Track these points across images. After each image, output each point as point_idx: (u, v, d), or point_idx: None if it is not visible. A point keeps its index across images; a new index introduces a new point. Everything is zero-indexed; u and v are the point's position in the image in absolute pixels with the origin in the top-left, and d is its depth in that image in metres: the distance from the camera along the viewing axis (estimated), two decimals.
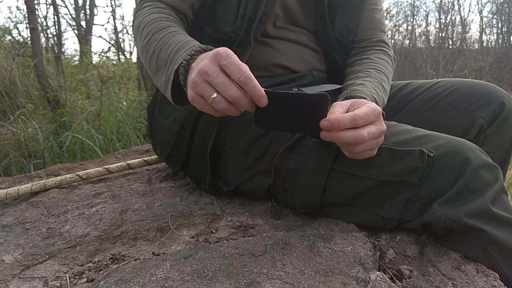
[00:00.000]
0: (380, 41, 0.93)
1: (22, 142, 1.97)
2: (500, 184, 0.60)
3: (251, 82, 0.51)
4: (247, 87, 0.51)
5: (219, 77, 0.52)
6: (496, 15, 8.20)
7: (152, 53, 0.70)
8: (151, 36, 0.71)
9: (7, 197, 0.94)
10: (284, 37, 0.85)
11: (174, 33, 0.69)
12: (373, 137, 0.57)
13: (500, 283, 0.57)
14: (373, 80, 0.78)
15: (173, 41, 0.67)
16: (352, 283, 0.53)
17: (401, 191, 0.63)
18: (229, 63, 0.51)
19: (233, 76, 0.51)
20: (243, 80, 0.51)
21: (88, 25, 6.30)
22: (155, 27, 0.72)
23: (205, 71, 0.53)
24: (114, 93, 3.00)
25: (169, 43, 0.67)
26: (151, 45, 0.70)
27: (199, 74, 0.54)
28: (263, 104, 0.52)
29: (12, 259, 0.67)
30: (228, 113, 0.55)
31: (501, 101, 0.78)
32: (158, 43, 0.69)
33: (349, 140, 0.55)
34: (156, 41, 0.69)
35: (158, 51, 0.68)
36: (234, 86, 0.52)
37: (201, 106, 0.56)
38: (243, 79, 0.51)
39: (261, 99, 0.52)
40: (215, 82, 0.52)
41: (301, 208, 0.74)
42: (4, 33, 4.20)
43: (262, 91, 0.52)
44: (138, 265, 0.59)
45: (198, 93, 0.55)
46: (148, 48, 0.71)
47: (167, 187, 0.97)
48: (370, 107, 0.58)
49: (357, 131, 0.55)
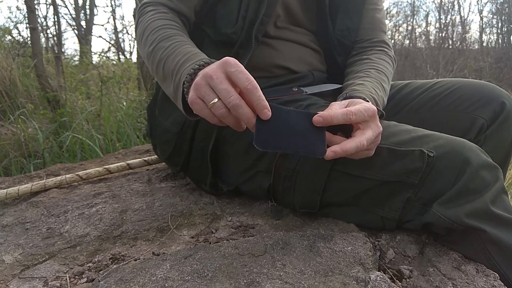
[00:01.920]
0: (381, 42, 0.93)
1: (22, 142, 1.97)
2: (500, 184, 0.60)
3: (258, 92, 0.51)
4: (254, 96, 0.51)
5: (223, 82, 0.52)
6: (496, 15, 8.21)
7: (158, 61, 0.70)
8: (156, 44, 0.71)
9: (7, 197, 0.94)
10: (285, 37, 0.85)
11: (181, 43, 0.69)
12: (371, 142, 0.58)
13: (500, 283, 0.57)
14: (373, 80, 0.78)
15: (180, 52, 0.67)
16: (352, 283, 0.53)
17: (401, 191, 0.63)
18: (237, 71, 0.52)
19: (240, 84, 0.51)
20: (250, 89, 0.51)
21: (88, 25, 6.31)
22: (160, 34, 0.72)
23: (210, 75, 0.53)
24: (114, 93, 3.00)
25: (176, 53, 0.67)
26: (157, 53, 0.70)
27: (203, 77, 0.54)
28: (266, 116, 0.52)
29: (12, 259, 0.67)
30: (225, 121, 0.54)
31: (501, 101, 0.78)
32: (165, 52, 0.69)
33: (353, 150, 0.56)
34: (162, 49, 0.69)
35: (164, 59, 0.68)
36: (236, 94, 0.52)
37: (200, 109, 0.55)
38: (251, 87, 0.51)
39: (264, 110, 0.52)
40: (218, 87, 0.52)
41: (301, 208, 0.74)
42: (4, 33, 4.20)
43: (266, 103, 0.52)
44: (138, 265, 0.59)
45: (199, 95, 0.55)
46: (154, 56, 0.71)
47: (167, 187, 0.96)
48: (365, 106, 0.58)
49: (357, 139, 0.56)
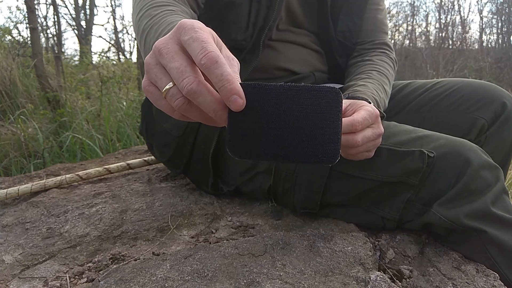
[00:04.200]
0: (383, 44, 0.92)
1: (22, 142, 1.97)
2: (501, 185, 0.60)
3: (220, 68, 0.33)
4: (212, 75, 0.33)
5: (175, 58, 0.35)
6: (496, 15, 8.22)
7: (142, 31, 0.61)
8: (145, 11, 0.62)
9: (7, 197, 0.94)
10: (286, 39, 0.85)
11: (170, 12, 0.60)
12: (368, 141, 0.56)
13: (500, 283, 0.57)
14: (375, 81, 0.78)
15: (166, 21, 0.56)
16: (352, 283, 0.53)
17: (402, 191, 0.63)
18: (191, 38, 0.35)
19: (193, 57, 0.35)
20: (206, 64, 0.33)
21: (88, 25, 6.31)
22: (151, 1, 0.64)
23: (159, 49, 0.36)
24: (114, 93, 3.00)
25: (161, 22, 0.57)
26: (142, 21, 0.61)
27: (153, 53, 0.38)
28: (236, 105, 0.34)
29: (12, 259, 0.67)
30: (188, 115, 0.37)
31: (502, 102, 0.78)
32: (150, 21, 0.59)
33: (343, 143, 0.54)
34: (148, 17, 0.60)
35: (148, 30, 0.59)
36: (193, 74, 0.34)
37: (154, 99, 0.38)
38: (206, 61, 0.33)
39: (232, 96, 0.34)
40: (168, 65, 0.36)
41: (302, 208, 0.74)
42: (4, 33, 4.20)
43: (235, 85, 0.33)
44: (138, 265, 0.59)
45: (151, 80, 0.38)
46: (139, 25, 0.62)
47: (167, 187, 0.96)
48: (369, 111, 0.56)
49: (350, 136, 0.54)
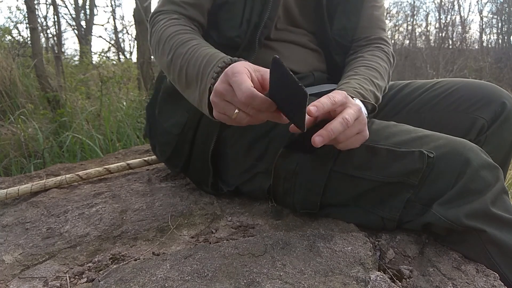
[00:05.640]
0: (378, 39, 0.91)
1: (22, 142, 1.97)
2: (501, 185, 0.60)
3: (255, 100, 0.51)
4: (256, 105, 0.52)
5: (234, 95, 0.53)
6: (496, 15, 8.22)
7: (179, 69, 0.70)
8: (174, 52, 0.71)
9: (7, 197, 0.94)
10: (285, 39, 0.85)
11: (197, 46, 0.70)
12: (352, 118, 0.56)
13: (500, 283, 0.57)
14: (360, 77, 0.76)
15: (199, 55, 0.67)
16: (352, 283, 0.53)
17: (402, 192, 0.62)
18: (233, 82, 0.52)
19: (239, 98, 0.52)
20: (245, 102, 0.51)
21: (88, 25, 6.31)
22: (176, 41, 0.72)
23: (220, 92, 0.55)
24: (114, 93, 3.00)
25: (196, 56, 0.68)
26: (177, 61, 0.71)
27: (215, 95, 0.56)
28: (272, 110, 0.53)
29: (12, 259, 0.67)
30: (258, 122, 0.56)
31: (502, 102, 0.78)
32: (184, 58, 0.69)
33: (339, 128, 0.55)
34: (181, 56, 0.70)
35: (185, 67, 0.69)
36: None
37: (227, 121, 0.57)
38: (245, 100, 0.51)
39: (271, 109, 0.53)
40: (233, 100, 0.53)
41: (302, 209, 0.74)
42: (4, 33, 4.19)
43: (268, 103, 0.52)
44: (138, 265, 0.59)
45: (220, 111, 0.57)
46: (174, 65, 0.71)
47: (167, 187, 0.96)
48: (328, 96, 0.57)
49: (339, 117, 0.55)
